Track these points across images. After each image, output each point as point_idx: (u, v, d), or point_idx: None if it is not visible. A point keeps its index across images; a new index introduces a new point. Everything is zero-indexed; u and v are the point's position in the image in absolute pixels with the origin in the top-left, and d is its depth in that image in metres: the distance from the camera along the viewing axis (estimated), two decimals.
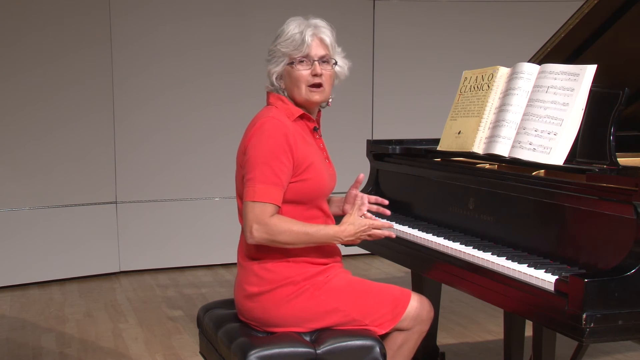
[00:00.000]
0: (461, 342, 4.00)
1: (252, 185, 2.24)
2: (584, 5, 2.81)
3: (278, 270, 2.32)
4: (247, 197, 2.25)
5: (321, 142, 2.48)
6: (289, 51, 2.34)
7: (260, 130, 2.28)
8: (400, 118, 5.95)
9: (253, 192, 2.24)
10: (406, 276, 4.67)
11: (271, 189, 2.23)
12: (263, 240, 2.24)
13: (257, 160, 2.25)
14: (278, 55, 2.36)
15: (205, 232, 5.69)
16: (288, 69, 2.36)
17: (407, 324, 2.35)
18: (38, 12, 5.13)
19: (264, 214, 2.22)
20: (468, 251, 2.35)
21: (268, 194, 2.23)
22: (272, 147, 2.25)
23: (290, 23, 2.38)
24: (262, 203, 2.23)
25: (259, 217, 2.22)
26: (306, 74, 2.34)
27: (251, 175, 2.25)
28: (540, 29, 3.85)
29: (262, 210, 2.23)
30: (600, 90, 2.31)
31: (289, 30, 2.36)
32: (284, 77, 2.38)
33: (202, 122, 5.66)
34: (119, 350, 3.92)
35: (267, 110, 2.37)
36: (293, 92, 2.37)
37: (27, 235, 5.22)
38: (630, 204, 1.94)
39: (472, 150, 2.63)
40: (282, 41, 2.35)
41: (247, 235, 2.25)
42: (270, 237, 2.23)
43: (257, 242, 2.26)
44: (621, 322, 1.88)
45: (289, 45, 2.34)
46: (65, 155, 5.30)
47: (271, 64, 2.38)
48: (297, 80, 2.35)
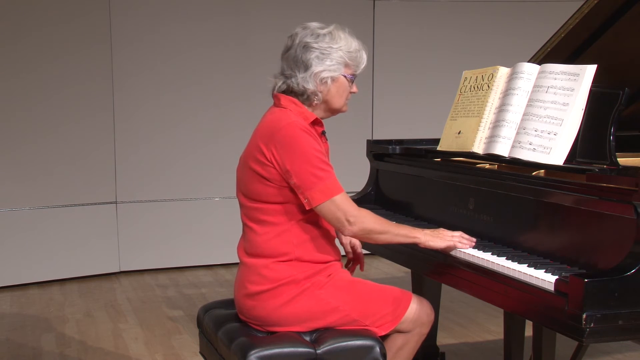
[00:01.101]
0: (461, 342, 4.00)
1: (322, 186, 2.24)
2: (584, 5, 2.81)
3: (280, 269, 2.32)
4: (322, 198, 2.25)
5: (327, 145, 2.48)
6: (353, 64, 2.39)
7: (294, 136, 2.26)
8: (400, 118, 5.95)
9: (327, 190, 2.25)
10: (406, 276, 4.67)
11: (337, 182, 2.28)
12: (360, 231, 2.29)
13: (308, 165, 2.24)
14: (340, 61, 2.36)
15: (205, 232, 5.69)
16: (342, 79, 2.38)
17: (407, 326, 2.36)
18: (38, 12, 5.13)
19: (350, 204, 2.27)
20: (468, 251, 2.35)
21: (338, 187, 2.27)
22: (312, 146, 2.26)
23: (349, 36, 2.39)
24: (341, 195, 2.26)
25: (348, 208, 2.26)
26: (350, 89, 2.43)
27: (313, 179, 2.24)
28: (540, 29, 3.85)
29: (345, 201, 2.27)
30: (600, 90, 2.31)
31: (351, 43, 2.38)
32: (329, 82, 2.37)
33: (202, 122, 5.66)
34: (119, 350, 3.92)
35: (284, 113, 2.34)
36: (333, 99, 2.40)
37: (27, 235, 5.22)
38: (630, 204, 1.94)
39: (472, 150, 2.63)
40: (346, 50, 2.36)
41: (345, 228, 2.28)
42: (365, 227, 2.29)
43: (354, 233, 2.31)
44: (621, 322, 1.88)
45: (354, 59, 2.38)
46: (65, 155, 5.30)
47: (322, 64, 2.34)
48: (344, 93, 2.41)
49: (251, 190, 2.35)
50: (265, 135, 2.30)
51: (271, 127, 2.30)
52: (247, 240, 2.39)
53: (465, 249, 2.36)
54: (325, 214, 2.27)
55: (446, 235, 2.38)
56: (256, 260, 2.35)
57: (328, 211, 2.26)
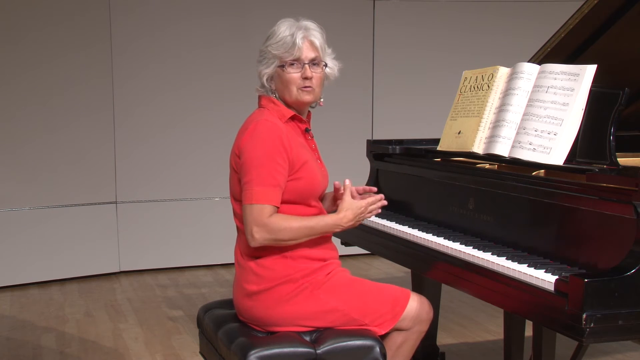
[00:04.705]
0: (461, 342, 4.00)
1: (249, 188, 2.25)
2: (584, 5, 2.81)
3: (276, 268, 2.32)
4: (245, 200, 2.27)
5: (313, 143, 2.49)
6: (280, 53, 2.36)
7: (254, 133, 2.29)
8: (400, 118, 5.95)
9: (250, 195, 2.25)
10: (406, 276, 4.67)
11: (268, 191, 2.24)
12: (265, 241, 2.25)
13: (253, 163, 2.26)
14: (269, 56, 2.38)
15: (205, 232, 5.69)
16: (279, 71, 2.37)
17: (407, 324, 2.36)
18: (38, 12, 5.13)
19: (262, 215, 2.23)
20: (468, 251, 2.35)
21: (265, 196, 2.24)
22: (267, 149, 2.26)
23: (280, 25, 2.39)
24: (260, 205, 2.24)
25: (257, 219, 2.23)
26: (297, 76, 2.36)
27: (247, 178, 2.26)
28: (540, 29, 3.85)
29: (260, 212, 2.24)
30: (600, 90, 2.31)
31: (279, 32, 2.37)
32: (274, 79, 2.40)
33: (202, 122, 5.66)
34: (119, 350, 3.92)
35: (259, 112, 2.39)
36: (284, 93, 2.39)
37: (27, 235, 5.22)
38: (630, 204, 1.94)
39: (472, 150, 2.63)
40: (272, 43, 2.37)
41: (249, 239, 2.26)
42: (271, 237, 2.24)
43: (260, 244, 2.26)
44: (621, 322, 1.88)
45: (279, 47, 2.35)
46: (65, 155, 5.30)
47: (262, 65, 2.40)
48: (287, 83, 2.37)
49: (235, 190, 2.38)
50: (240, 136, 2.36)
51: (244, 127, 2.36)
52: (242, 242, 2.40)
53: (465, 249, 2.36)
54: (243, 217, 2.28)
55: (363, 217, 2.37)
56: (252, 261, 2.36)
57: (243, 214, 2.28)
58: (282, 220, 2.26)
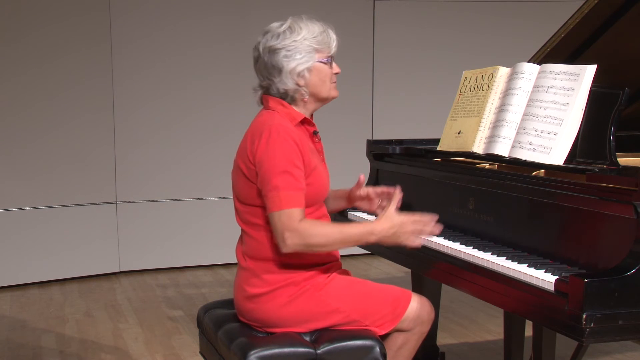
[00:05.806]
0: (461, 342, 4.00)
1: (275, 195, 2.19)
2: (584, 5, 2.81)
3: (279, 271, 2.31)
4: (272, 208, 2.20)
5: (320, 145, 2.47)
6: (322, 47, 2.33)
7: (271, 141, 2.23)
8: (400, 118, 5.95)
9: (279, 201, 2.19)
10: (406, 276, 4.67)
11: (294, 195, 2.20)
12: (297, 246, 2.19)
13: (276, 170, 2.20)
14: (308, 50, 2.31)
15: (205, 232, 5.69)
16: (318, 66, 2.33)
17: (408, 325, 2.35)
18: (38, 12, 5.13)
19: (293, 220, 2.18)
20: (468, 251, 2.35)
21: (292, 200, 2.19)
22: (287, 154, 2.22)
23: (308, 21, 2.35)
24: (289, 210, 2.18)
25: (287, 224, 2.17)
26: (332, 71, 2.37)
27: (272, 185, 2.20)
28: (540, 29, 3.84)
29: (290, 217, 2.18)
30: (600, 90, 2.31)
31: (315, 28, 2.34)
32: (307, 74, 2.32)
33: (202, 122, 5.66)
34: (119, 350, 3.92)
35: (270, 116, 2.32)
36: (318, 88, 2.34)
37: (27, 235, 5.22)
38: (630, 204, 1.94)
39: (472, 150, 2.63)
40: (312, 37, 2.32)
41: (281, 245, 2.20)
42: (303, 242, 2.18)
43: (292, 250, 2.20)
44: (621, 322, 1.88)
45: (321, 42, 2.33)
46: (65, 155, 5.30)
47: (293, 60, 2.30)
48: (326, 77, 2.35)
49: (241, 192, 2.34)
50: (253, 136, 2.30)
51: (259, 129, 2.29)
52: (244, 244, 2.38)
53: (465, 249, 2.36)
54: (272, 224, 2.23)
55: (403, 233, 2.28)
56: (254, 263, 2.34)
57: (272, 222, 2.22)
58: (314, 225, 2.21)
